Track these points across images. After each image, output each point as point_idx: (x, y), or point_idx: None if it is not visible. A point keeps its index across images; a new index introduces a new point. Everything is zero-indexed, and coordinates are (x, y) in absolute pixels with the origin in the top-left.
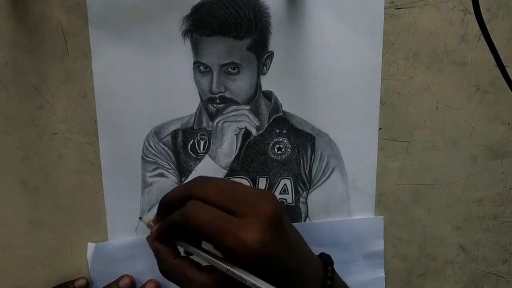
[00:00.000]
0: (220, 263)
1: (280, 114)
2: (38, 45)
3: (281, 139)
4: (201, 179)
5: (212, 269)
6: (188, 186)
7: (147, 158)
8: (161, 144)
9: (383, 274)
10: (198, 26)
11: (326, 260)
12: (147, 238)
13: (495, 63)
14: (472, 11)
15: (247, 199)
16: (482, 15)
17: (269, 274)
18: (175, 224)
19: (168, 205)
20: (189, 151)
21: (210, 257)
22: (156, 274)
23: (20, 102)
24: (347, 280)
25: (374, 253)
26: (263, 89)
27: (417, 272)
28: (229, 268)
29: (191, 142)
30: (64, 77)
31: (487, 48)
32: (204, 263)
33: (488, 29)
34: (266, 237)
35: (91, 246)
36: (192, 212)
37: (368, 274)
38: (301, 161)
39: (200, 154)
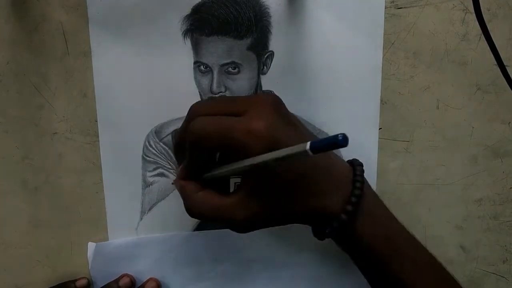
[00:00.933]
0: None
1: None
2: (38, 45)
3: None
4: (195, 103)
5: (236, 191)
6: (186, 116)
7: (148, 158)
8: (161, 143)
9: None
10: (198, 26)
11: (353, 162)
12: (173, 182)
13: (495, 63)
14: (473, 10)
15: (245, 99)
16: (483, 14)
17: (290, 165)
18: (186, 146)
19: (180, 145)
20: None
21: (235, 164)
22: (157, 273)
23: (20, 101)
24: None
25: None
26: (263, 88)
27: None
28: (256, 160)
29: None
30: (64, 76)
31: (488, 48)
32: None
33: (488, 29)
34: (273, 122)
35: (91, 246)
36: (197, 125)
37: None
38: None
39: None
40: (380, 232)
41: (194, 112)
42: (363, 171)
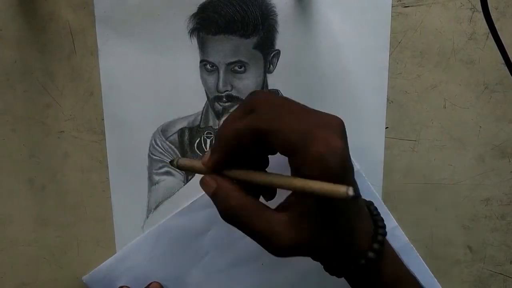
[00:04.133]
0: (297, 180)
1: None
2: (45, 44)
3: None
4: (258, 91)
5: (284, 208)
6: (243, 103)
7: (154, 156)
8: (167, 142)
9: (395, 224)
10: (205, 25)
11: (369, 206)
12: (201, 181)
13: (503, 62)
14: (480, 9)
15: (318, 114)
16: (491, 13)
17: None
18: (246, 134)
19: (232, 140)
20: (196, 149)
21: (285, 176)
22: (156, 277)
23: (27, 100)
24: None
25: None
26: (269, 87)
27: None
28: (348, 189)
29: (197, 141)
30: (71, 75)
31: (495, 47)
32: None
33: (496, 28)
34: (345, 146)
35: (86, 279)
36: (272, 115)
37: None
38: None
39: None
40: (399, 270)
41: (261, 103)
42: (377, 209)
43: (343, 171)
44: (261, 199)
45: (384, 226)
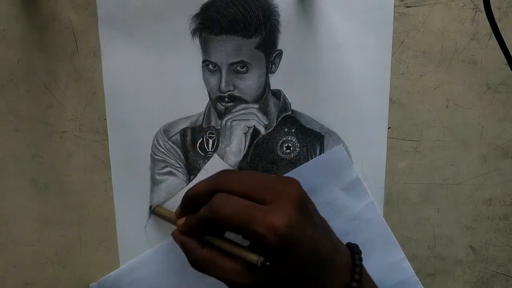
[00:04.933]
0: (249, 253)
1: (289, 113)
2: (48, 44)
3: (289, 138)
4: (225, 172)
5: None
6: (213, 179)
7: (156, 157)
8: (170, 142)
9: (371, 199)
10: (207, 25)
11: (354, 249)
12: (173, 233)
13: (505, 62)
14: (483, 9)
15: (272, 187)
16: (493, 13)
17: (301, 259)
18: (204, 219)
19: (193, 200)
20: (198, 149)
21: (239, 248)
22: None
23: (30, 100)
24: (341, 221)
25: (351, 183)
26: (271, 87)
27: (426, 272)
28: (259, 259)
29: (199, 141)
30: (74, 75)
31: (498, 47)
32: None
33: (499, 28)
34: (294, 220)
35: (93, 287)
36: (220, 204)
37: (357, 204)
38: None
39: (209, 153)
40: None
41: (222, 182)
42: (361, 260)
43: (284, 246)
44: None
45: (358, 279)
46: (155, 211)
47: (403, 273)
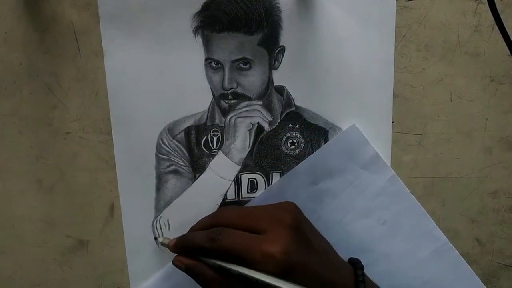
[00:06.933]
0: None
1: (293, 108)
2: (50, 45)
3: (294, 134)
4: (224, 208)
5: None
6: (212, 216)
7: (161, 155)
8: (174, 141)
9: (392, 172)
10: (209, 23)
11: (356, 265)
12: (174, 261)
13: (509, 54)
14: (485, 1)
15: (266, 215)
16: (496, 4)
17: (300, 283)
18: (203, 249)
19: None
20: (203, 147)
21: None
22: None
23: (33, 102)
24: (365, 200)
25: (370, 159)
26: (275, 84)
27: None
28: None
29: (204, 139)
30: (76, 76)
31: (501, 39)
32: None
33: (502, 19)
34: (289, 246)
35: None
36: (218, 236)
37: (379, 180)
38: None
39: (214, 150)
40: None
41: (220, 217)
42: (364, 275)
43: (283, 272)
44: None
45: None
46: (163, 244)
47: (437, 242)
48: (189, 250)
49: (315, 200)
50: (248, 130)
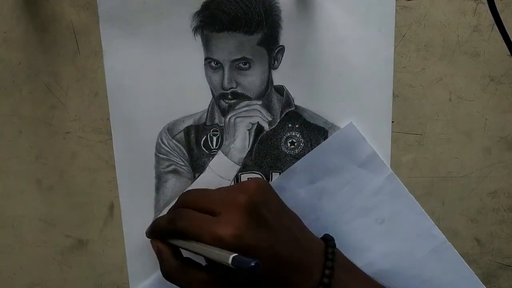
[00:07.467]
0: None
1: (292, 108)
2: (49, 45)
3: (293, 134)
4: (188, 191)
5: (211, 268)
6: (177, 199)
7: (161, 155)
8: (174, 141)
9: (390, 171)
10: (209, 22)
11: (328, 242)
12: (151, 241)
13: (508, 53)
14: (485, 0)
15: (222, 197)
16: (495, 4)
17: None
18: (164, 229)
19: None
20: (202, 147)
21: (196, 244)
22: None
23: (33, 101)
24: (363, 199)
25: (368, 158)
26: (274, 83)
27: None
28: (215, 250)
29: (203, 138)
30: (75, 76)
31: (501, 38)
32: (203, 263)
33: (501, 19)
34: (241, 229)
35: None
36: (175, 217)
37: (377, 179)
38: None
39: (213, 150)
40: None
41: (185, 200)
42: (334, 254)
43: (238, 251)
44: None
45: (328, 275)
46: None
47: (435, 240)
48: (155, 233)
49: (313, 199)
50: (248, 130)
